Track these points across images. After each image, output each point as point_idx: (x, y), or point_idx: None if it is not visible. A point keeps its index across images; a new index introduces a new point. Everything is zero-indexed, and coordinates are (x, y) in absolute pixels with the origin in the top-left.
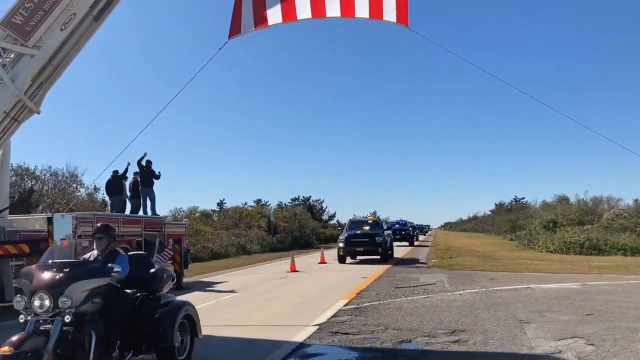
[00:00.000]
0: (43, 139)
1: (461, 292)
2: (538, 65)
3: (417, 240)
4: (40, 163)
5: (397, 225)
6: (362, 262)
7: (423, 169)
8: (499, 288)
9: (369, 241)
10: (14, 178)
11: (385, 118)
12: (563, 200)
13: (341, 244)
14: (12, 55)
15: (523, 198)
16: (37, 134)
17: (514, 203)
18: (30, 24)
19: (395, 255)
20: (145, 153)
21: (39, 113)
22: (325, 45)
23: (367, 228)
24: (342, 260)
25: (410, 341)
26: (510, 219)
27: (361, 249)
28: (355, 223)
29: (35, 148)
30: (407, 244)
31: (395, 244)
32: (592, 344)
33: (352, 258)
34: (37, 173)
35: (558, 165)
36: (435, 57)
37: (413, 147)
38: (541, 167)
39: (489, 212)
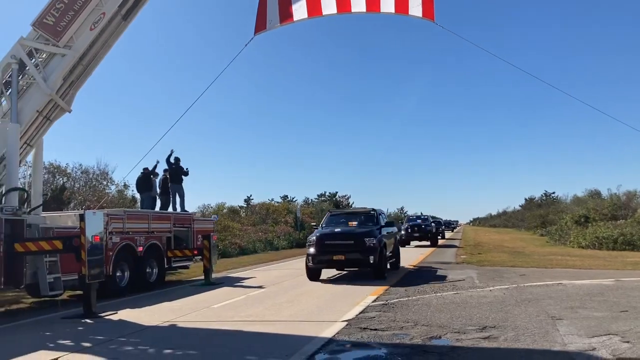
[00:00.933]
0: (74, 137)
1: (491, 288)
2: (567, 58)
3: (442, 238)
4: (72, 161)
5: (417, 221)
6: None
7: (452, 164)
8: (529, 284)
9: (354, 245)
10: (46, 176)
11: (414, 115)
12: (595, 194)
13: (311, 249)
14: (44, 56)
15: (553, 193)
16: (68, 132)
17: (544, 198)
18: (61, 24)
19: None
20: (172, 150)
21: (70, 112)
22: (352, 42)
23: (354, 224)
24: (313, 276)
25: (440, 337)
26: (540, 214)
27: (341, 257)
28: (337, 216)
29: (67, 146)
30: (428, 243)
31: (413, 243)
32: (628, 342)
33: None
34: (69, 171)
35: (589, 159)
36: (462, 52)
37: (442, 144)
38: (572, 162)
39: (519, 208)
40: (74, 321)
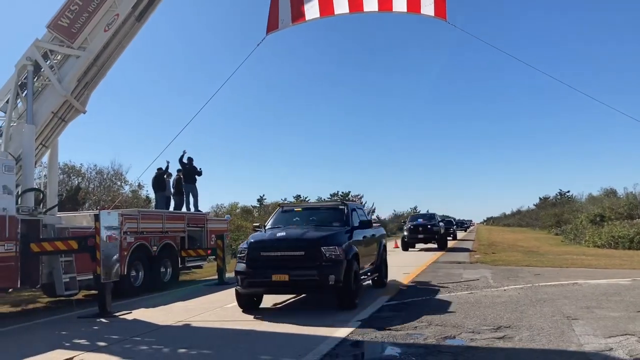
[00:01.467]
0: (88, 137)
1: (505, 287)
2: (583, 54)
3: (454, 239)
4: (86, 161)
5: (420, 220)
6: (403, 257)
7: (465, 163)
8: (544, 284)
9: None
10: (61, 176)
11: (425, 114)
12: (611, 193)
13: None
14: (58, 57)
15: (568, 192)
16: (82, 132)
17: (558, 197)
18: (76, 26)
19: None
20: (185, 151)
21: (84, 113)
22: (364, 41)
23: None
24: (245, 305)
25: (454, 337)
26: (555, 213)
27: (284, 277)
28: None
29: (81, 146)
30: (435, 246)
31: (419, 246)
32: None
33: None
34: (83, 171)
35: (605, 158)
36: (473, 50)
37: (455, 142)
38: (587, 160)
39: (533, 207)
40: (89, 320)
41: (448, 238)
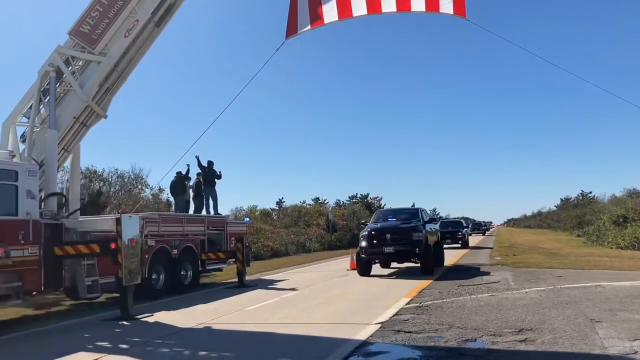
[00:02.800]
0: (109, 141)
1: (527, 290)
2: (604, 52)
3: (465, 246)
4: (108, 165)
5: (389, 220)
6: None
7: (485, 165)
8: (567, 286)
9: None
10: (83, 181)
11: (445, 114)
12: (634, 194)
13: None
14: (80, 63)
15: (590, 192)
16: (103, 137)
17: (580, 198)
18: (97, 32)
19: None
20: (197, 156)
21: (106, 117)
22: (383, 40)
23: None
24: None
25: (475, 340)
26: (577, 215)
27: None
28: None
29: (102, 151)
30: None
31: (396, 266)
32: None
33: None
34: (105, 175)
35: (628, 158)
36: (494, 48)
37: (475, 143)
38: (609, 160)
39: (554, 208)
40: (111, 323)
41: (455, 244)
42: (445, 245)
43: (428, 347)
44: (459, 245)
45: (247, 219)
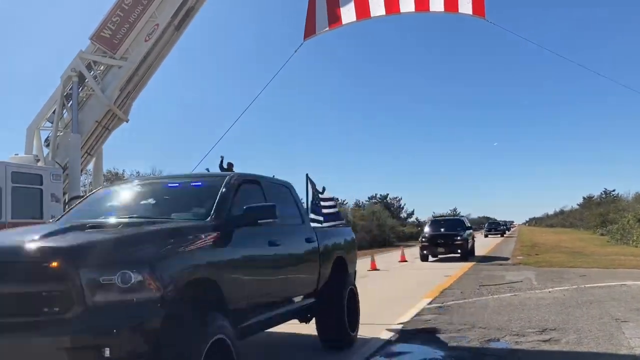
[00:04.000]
0: (131, 145)
1: (550, 289)
2: (625, 48)
3: (468, 256)
4: (129, 168)
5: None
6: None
7: (507, 163)
8: (591, 285)
9: (451, 240)
10: (105, 183)
11: (465, 114)
12: None
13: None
14: (102, 68)
15: (614, 190)
16: (125, 140)
17: (603, 196)
18: (118, 37)
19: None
20: (222, 157)
21: (127, 121)
22: (407, 44)
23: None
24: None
25: (498, 340)
26: (600, 213)
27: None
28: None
29: (124, 154)
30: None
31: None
32: None
33: None
34: (126, 178)
35: None
36: (510, 46)
37: (495, 141)
38: (633, 158)
39: (577, 206)
40: None
41: (452, 254)
42: (431, 259)
43: (451, 347)
44: (459, 255)
45: None
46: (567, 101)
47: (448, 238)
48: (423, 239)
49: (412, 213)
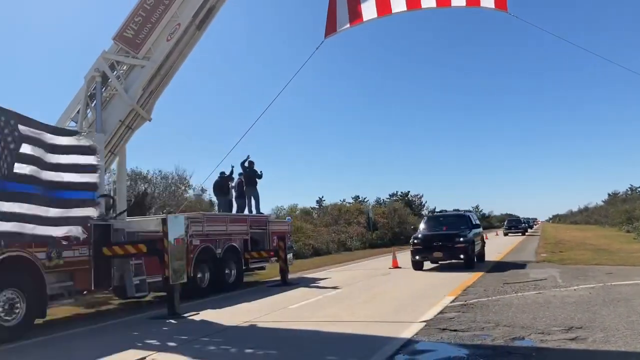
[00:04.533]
0: (153, 144)
1: (575, 287)
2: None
3: (471, 264)
4: (152, 167)
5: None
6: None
7: (530, 160)
8: (617, 283)
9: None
10: (129, 182)
11: (488, 109)
12: None
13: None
14: (124, 68)
15: None
16: (147, 139)
17: (629, 192)
18: (140, 37)
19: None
20: (248, 155)
21: (150, 120)
22: (424, 38)
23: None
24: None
25: (523, 338)
26: (625, 210)
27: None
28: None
29: (147, 153)
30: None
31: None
32: None
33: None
34: (149, 177)
35: None
36: (533, 40)
37: (518, 138)
38: None
39: (602, 203)
40: (159, 321)
41: (454, 259)
42: (424, 268)
43: (475, 345)
44: (462, 261)
45: (289, 218)
46: (592, 97)
47: (447, 239)
48: (415, 241)
49: (433, 210)
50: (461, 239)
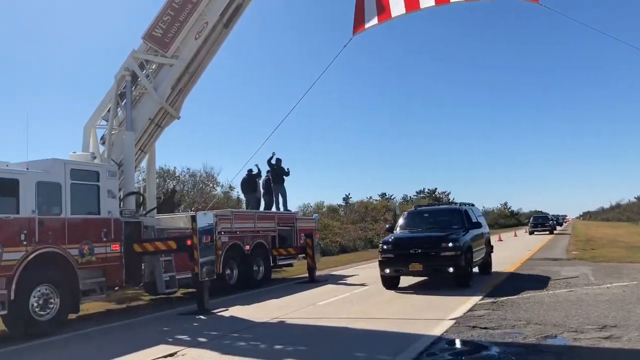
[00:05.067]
0: (182, 141)
1: (608, 285)
2: None
3: (465, 282)
4: (180, 165)
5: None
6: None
7: (560, 156)
8: None
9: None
10: (158, 180)
11: (516, 104)
12: None
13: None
14: (154, 66)
15: None
16: (176, 137)
17: None
18: (169, 36)
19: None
20: (274, 153)
21: (179, 118)
22: (453, 35)
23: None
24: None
25: (555, 336)
26: None
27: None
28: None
29: (175, 151)
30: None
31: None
32: None
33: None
34: (178, 174)
35: None
36: (566, 32)
37: (548, 133)
38: None
39: (634, 200)
40: (189, 317)
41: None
42: (406, 281)
43: (506, 343)
44: (451, 275)
45: (316, 215)
46: (628, 90)
47: (430, 245)
48: (385, 247)
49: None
50: (450, 245)
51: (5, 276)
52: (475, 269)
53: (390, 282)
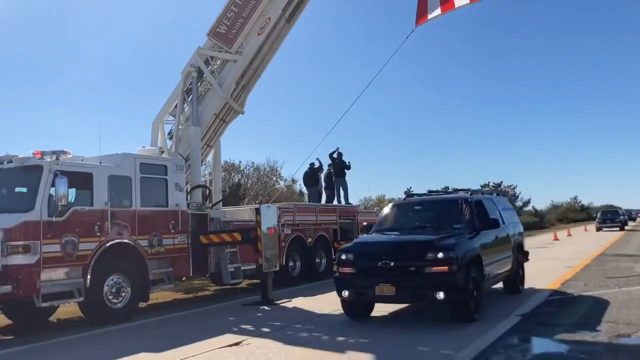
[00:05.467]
0: (246, 136)
1: None
2: None
3: (465, 318)
4: (244, 159)
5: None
6: (566, 249)
7: (634, 148)
8: None
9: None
10: (223, 173)
11: (586, 92)
12: None
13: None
14: (218, 62)
15: None
16: (240, 131)
17: None
18: (232, 32)
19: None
20: (338, 147)
21: (243, 113)
22: (502, 29)
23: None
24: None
25: (629, 335)
26: None
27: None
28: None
29: (239, 145)
30: None
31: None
32: None
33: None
34: (242, 168)
35: None
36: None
37: (621, 123)
38: None
39: None
40: (253, 308)
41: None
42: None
43: (575, 341)
44: (442, 301)
45: (376, 209)
46: None
47: (408, 256)
48: (343, 257)
49: (528, 202)
50: (440, 255)
51: (81, 265)
52: (499, 285)
53: (355, 309)
